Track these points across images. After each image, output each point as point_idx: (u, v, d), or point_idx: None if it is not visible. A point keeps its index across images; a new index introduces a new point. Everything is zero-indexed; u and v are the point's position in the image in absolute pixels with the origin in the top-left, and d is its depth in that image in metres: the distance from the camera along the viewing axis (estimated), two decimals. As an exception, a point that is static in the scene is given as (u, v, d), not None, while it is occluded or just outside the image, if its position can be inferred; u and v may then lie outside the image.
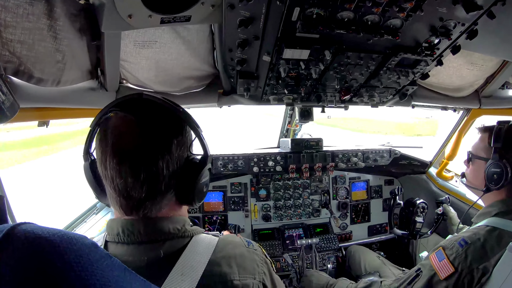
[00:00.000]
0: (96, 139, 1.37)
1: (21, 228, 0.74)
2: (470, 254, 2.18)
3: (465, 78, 3.59)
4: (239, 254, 1.46)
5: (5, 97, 1.64)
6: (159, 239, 1.35)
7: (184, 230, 1.42)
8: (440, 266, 2.25)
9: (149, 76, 2.85)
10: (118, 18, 1.91)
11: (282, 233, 4.83)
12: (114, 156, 1.28)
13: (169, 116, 1.42)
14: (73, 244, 0.77)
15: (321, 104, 3.46)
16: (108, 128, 1.33)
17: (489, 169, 2.46)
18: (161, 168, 1.32)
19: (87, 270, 0.75)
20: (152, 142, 1.32)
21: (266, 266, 1.56)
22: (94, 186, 1.50)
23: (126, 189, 1.29)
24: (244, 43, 2.37)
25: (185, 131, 1.47)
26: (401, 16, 2.12)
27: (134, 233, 1.32)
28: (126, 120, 1.32)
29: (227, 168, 4.50)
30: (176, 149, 1.39)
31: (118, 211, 1.37)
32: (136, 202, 1.32)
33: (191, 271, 1.27)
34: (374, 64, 2.72)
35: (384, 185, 5.40)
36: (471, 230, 2.39)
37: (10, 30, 1.69)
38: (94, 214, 3.94)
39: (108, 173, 1.30)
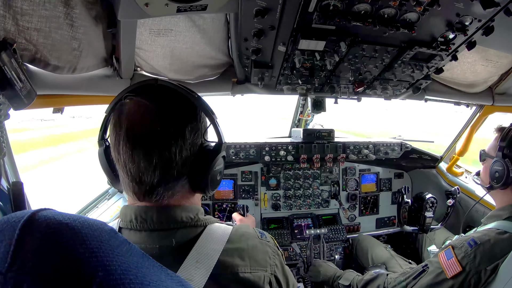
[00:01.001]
0: (111, 124, 1.37)
1: (42, 214, 0.74)
2: (479, 255, 2.18)
3: (479, 74, 3.57)
4: (252, 246, 1.45)
5: (23, 84, 1.68)
6: (172, 227, 1.34)
7: (197, 219, 1.41)
8: (448, 265, 2.26)
9: (164, 64, 2.88)
10: (135, 6, 1.93)
11: (291, 222, 4.86)
12: (128, 140, 1.28)
13: (183, 102, 1.41)
14: (94, 230, 0.77)
15: (335, 95, 3.48)
16: (122, 113, 1.32)
17: (493, 166, 2.50)
18: (174, 153, 1.31)
19: (108, 256, 0.74)
20: (165, 127, 1.31)
21: (278, 258, 1.56)
22: (108, 172, 1.50)
23: (139, 173, 1.29)
24: (259, 33, 2.38)
25: (200, 118, 1.45)
26: (418, 10, 2.12)
27: (147, 220, 1.32)
28: (140, 105, 1.32)
29: (239, 157, 4.52)
30: (190, 135, 1.37)
31: (131, 197, 1.38)
32: (148, 187, 1.31)
33: (206, 259, 1.28)
34: (389, 57, 2.72)
35: (394, 178, 5.40)
36: (481, 231, 2.39)
37: (26, 18, 1.72)
38: (106, 200, 3.97)
39: (121, 157, 1.30)
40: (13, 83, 1.60)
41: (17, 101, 1.68)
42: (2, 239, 0.69)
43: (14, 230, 0.69)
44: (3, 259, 0.66)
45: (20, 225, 0.70)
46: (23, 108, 1.76)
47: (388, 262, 3.95)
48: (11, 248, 0.67)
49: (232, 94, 3.43)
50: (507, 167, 2.38)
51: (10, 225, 0.71)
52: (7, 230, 0.70)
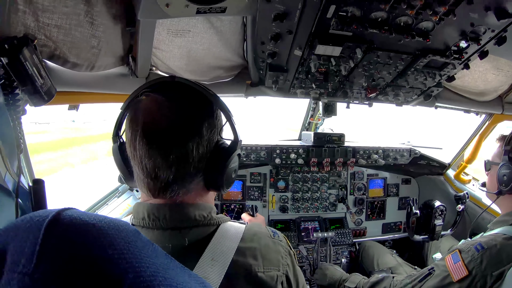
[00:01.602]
0: (127, 120, 1.36)
1: (67, 214, 0.73)
2: (485, 259, 2.19)
3: (490, 83, 3.60)
4: (264, 245, 1.44)
5: (44, 81, 1.69)
6: (185, 226, 1.33)
7: (210, 217, 1.40)
8: (455, 268, 2.27)
9: (180, 64, 2.90)
10: (156, 6, 1.95)
11: (298, 225, 4.87)
12: (144, 136, 1.27)
13: (200, 99, 1.40)
14: (120, 231, 0.76)
15: (347, 100, 3.52)
16: (139, 109, 1.32)
17: (500, 171, 2.53)
18: (191, 150, 1.30)
19: (137, 257, 0.74)
20: (183, 123, 1.30)
21: (290, 258, 1.55)
22: (122, 168, 1.50)
23: (154, 169, 1.28)
24: (277, 37, 2.42)
25: (216, 115, 1.45)
26: (434, 19, 2.15)
27: (159, 218, 1.31)
28: (157, 101, 1.32)
29: (250, 158, 4.55)
30: (207, 132, 1.37)
31: (146, 193, 1.37)
32: (163, 183, 1.30)
33: (222, 257, 1.27)
34: (402, 64, 2.74)
35: (401, 183, 5.40)
36: (487, 236, 2.40)
37: (47, 15, 1.74)
38: (116, 197, 3.99)
39: (137, 153, 1.29)
40: (34, 79, 1.62)
41: (37, 97, 1.69)
42: (26, 238, 0.69)
43: (39, 230, 0.69)
44: (29, 259, 0.66)
45: (46, 225, 0.70)
46: (42, 105, 1.77)
47: (394, 269, 3.97)
48: (36, 248, 0.67)
49: (245, 96, 3.46)
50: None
51: (34, 224, 0.71)
52: (31, 229, 0.70)
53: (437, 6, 2.01)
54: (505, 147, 2.53)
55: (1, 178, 1.59)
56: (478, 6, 2.07)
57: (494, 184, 2.62)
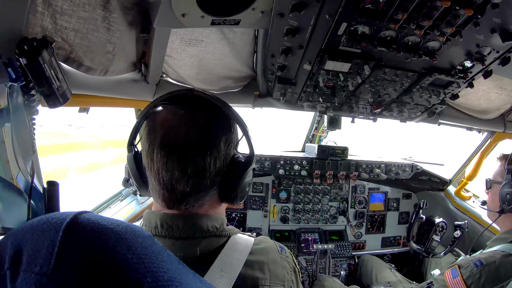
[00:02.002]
0: (144, 131, 1.36)
1: (85, 217, 0.74)
2: (484, 275, 2.21)
3: (493, 102, 3.64)
4: (272, 260, 1.43)
5: (60, 83, 1.70)
6: (197, 236, 1.32)
7: (222, 229, 1.39)
8: (453, 283, 2.29)
9: (191, 73, 2.94)
10: (172, 15, 1.99)
11: (298, 236, 4.91)
12: (163, 148, 1.26)
13: (218, 113, 1.39)
14: (137, 236, 0.77)
15: (352, 114, 3.57)
16: (157, 121, 1.31)
17: (503, 189, 2.54)
18: (209, 164, 1.29)
19: (154, 262, 0.74)
20: (201, 137, 1.29)
21: (294, 275, 1.53)
22: (136, 177, 1.48)
23: (172, 182, 1.27)
24: (287, 51, 2.46)
25: (234, 129, 1.44)
26: (441, 40, 2.20)
27: (173, 227, 1.30)
28: (176, 114, 1.31)
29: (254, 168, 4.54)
30: (224, 146, 1.35)
31: (160, 204, 1.36)
32: (179, 195, 1.29)
33: (230, 268, 1.26)
34: (408, 81, 2.78)
35: (402, 198, 5.44)
36: (486, 252, 2.42)
37: (65, 18, 1.76)
38: (119, 201, 3.97)
39: (155, 165, 1.28)
40: (51, 82, 1.62)
41: (53, 99, 1.70)
42: (43, 239, 0.70)
43: (57, 232, 0.70)
44: (47, 260, 0.67)
45: (64, 227, 0.70)
46: (58, 107, 1.77)
47: (392, 284, 3.98)
48: (55, 250, 0.67)
49: (253, 107, 3.50)
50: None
51: (52, 226, 0.72)
52: (49, 231, 0.71)
53: (444, 27, 2.06)
54: (508, 166, 2.55)
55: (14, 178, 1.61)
56: (484, 28, 2.12)
57: (496, 202, 2.63)
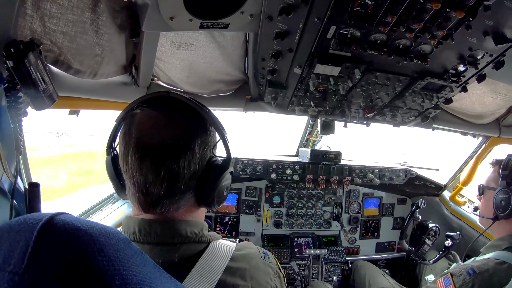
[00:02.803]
0: (120, 133, 1.36)
1: (60, 218, 0.74)
2: (477, 284, 2.19)
3: (487, 106, 3.61)
4: (254, 266, 1.43)
5: (46, 86, 1.71)
6: (176, 242, 1.31)
7: (201, 234, 1.38)
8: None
9: (181, 76, 2.92)
10: (160, 19, 1.99)
11: (291, 241, 4.88)
12: (137, 151, 1.26)
13: (194, 116, 1.39)
14: (111, 239, 0.77)
15: (345, 119, 3.53)
16: (133, 123, 1.31)
17: (497, 196, 2.53)
18: (183, 167, 1.30)
19: (125, 265, 0.74)
20: (175, 139, 1.29)
21: (278, 281, 1.52)
22: (114, 181, 1.49)
23: (146, 185, 1.27)
24: (277, 54, 2.43)
25: (210, 132, 1.44)
26: (432, 43, 2.17)
27: (150, 233, 1.30)
28: (151, 116, 1.32)
29: (246, 172, 4.56)
30: (199, 149, 1.36)
31: (136, 207, 1.35)
32: (154, 199, 1.29)
33: (210, 274, 1.25)
34: (400, 85, 2.75)
35: (397, 203, 5.41)
36: (479, 260, 2.40)
37: (54, 21, 1.77)
38: (111, 204, 3.97)
39: (129, 167, 1.28)
40: (37, 84, 1.63)
41: (39, 101, 1.72)
42: (19, 239, 0.70)
43: (31, 232, 0.70)
44: (20, 260, 0.67)
45: (39, 228, 0.71)
46: (44, 109, 1.79)
47: None
48: (28, 249, 0.68)
49: (244, 111, 3.47)
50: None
51: (28, 226, 0.72)
52: (24, 232, 0.71)
53: (435, 30, 2.03)
54: (502, 172, 2.53)
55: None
56: (477, 31, 2.08)
57: (490, 209, 2.61)
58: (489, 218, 2.64)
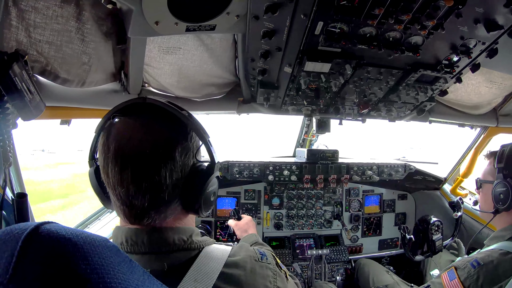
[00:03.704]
0: (99, 144, 1.32)
1: (45, 228, 0.74)
2: (482, 276, 2.15)
3: (483, 96, 3.59)
4: (250, 271, 1.40)
5: (32, 96, 1.70)
6: (163, 250, 1.29)
7: (190, 241, 1.35)
8: (451, 286, 2.23)
9: (171, 81, 2.90)
10: (145, 24, 1.97)
11: (293, 242, 4.84)
12: (116, 163, 1.23)
13: (173, 122, 1.35)
14: (96, 247, 0.77)
15: (339, 116, 3.49)
16: (110, 134, 1.28)
17: (495, 189, 2.50)
18: (164, 177, 1.26)
19: (109, 273, 0.74)
20: (154, 149, 1.25)
21: (280, 280, 1.50)
22: (99, 193, 1.45)
23: (128, 197, 1.24)
24: (266, 54, 2.41)
25: (191, 137, 1.39)
26: (423, 34, 2.14)
27: (137, 243, 1.28)
28: (128, 126, 1.29)
29: (243, 175, 4.52)
30: (181, 157, 1.32)
31: (123, 219, 1.34)
32: (139, 211, 1.26)
33: (205, 278, 1.24)
34: (393, 79, 2.73)
35: (398, 199, 5.38)
36: (484, 252, 2.36)
37: (39, 31, 1.78)
38: (109, 213, 3.98)
39: (110, 180, 1.26)
40: (23, 95, 1.63)
41: (26, 112, 1.71)
42: (4, 249, 0.70)
43: (16, 242, 0.70)
44: (5, 269, 0.66)
45: (23, 237, 0.70)
46: (31, 119, 1.79)
47: (389, 285, 3.90)
48: (13, 259, 0.67)
49: (237, 113, 3.45)
50: (511, 187, 2.39)
51: (13, 236, 0.72)
52: (10, 242, 0.71)
53: (425, 20, 2.00)
54: (498, 165, 2.51)
55: None
56: (467, 19, 2.06)
57: (489, 202, 2.58)
58: (489, 212, 2.61)
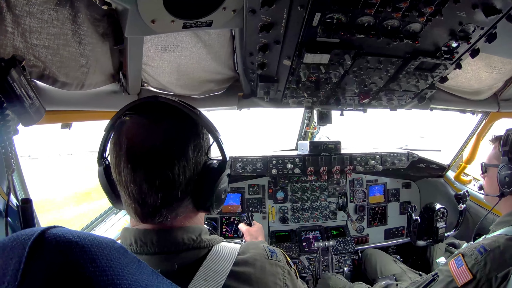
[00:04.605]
0: (110, 143, 1.33)
1: (52, 232, 0.74)
2: (489, 262, 2.14)
3: (484, 81, 3.58)
4: (260, 268, 1.38)
5: (32, 101, 1.69)
6: (173, 250, 1.29)
7: (199, 240, 1.35)
8: (458, 273, 2.22)
9: (171, 79, 2.89)
10: (142, 23, 1.96)
11: (299, 235, 4.83)
12: (129, 161, 1.23)
13: (185, 120, 1.35)
14: (103, 248, 0.76)
15: (340, 107, 3.50)
16: (122, 132, 1.28)
17: (501, 172, 2.49)
18: (177, 174, 1.26)
19: (118, 274, 0.74)
20: (167, 147, 1.26)
21: (289, 278, 1.48)
22: (108, 192, 1.46)
23: (141, 195, 1.24)
24: (264, 48, 2.41)
25: (203, 135, 1.40)
26: (421, 21, 2.14)
27: (147, 244, 1.27)
28: (141, 124, 1.29)
29: (246, 170, 4.50)
30: (193, 154, 1.32)
31: (134, 218, 1.33)
32: (151, 209, 1.26)
33: (215, 277, 1.23)
34: (393, 68, 2.73)
35: (402, 188, 5.37)
36: (490, 238, 2.35)
37: (35, 36, 1.76)
38: (114, 214, 3.97)
39: (123, 178, 1.26)
40: (22, 100, 1.62)
41: (26, 117, 1.70)
42: (12, 256, 0.69)
43: (23, 248, 0.70)
44: (13, 277, 0.66)
45: (30, 243, 0.70)
46: (32, 124, 1.78)
47: (398, 276, 3.90)
48: (21, 266, 0.67)
49: (238, 108, 3.45)
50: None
51: (20, 242, 0.71)
52: (17, 248, 0.70)
53: (423, 7, 2.00)
54: (503, 148, 2.49)
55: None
56: (465, 4, 2.05)
57: (495, 186, 2.56)
58: (495, 196, 2.59)
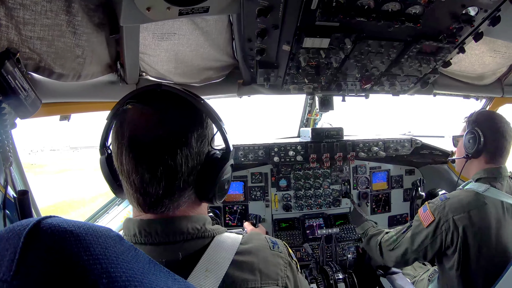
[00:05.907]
0: (112, 132, 1.32)
1: (47, 222, 0.74)
2: (447, 206, 2.63)
3: (488, 66, 3.54)
4: (263, 258, 1.39)
5: (27, 93, 1.69)
6: (177, 239, 1.28)
7: (204, 230, 1.35)
8: (424, 216, 2.75)
9: (169, 68, 2.88)
10: (137, 11, 1.93)
11: (303, 223, 4.82)
12: (131, 150, 1.23)
13: (189, 108, 1.34)
14: (99, 237, 0.77)
15: (342, 93, 3.47)
16: (124, 121, 1.27)
17: (465, 138, 2.88)
18: (180, 164, 1.25)
19: (113, 262, 0.74)
20: (170, 135, 1.25)
21: (290, 269, 1.49)
22: (110, 181, 1.45)
23: (143, 185, 1.24)
24: (263, 33, 2.37)
25: (206, 124, 1.39)
26: (422, 3, 2.10)
27: (151, 234, 1.27)
28: (143, 113, 1.28)
29: (248, 158, 4.50)
30: (196, 143, 1.31)
31: (136, 208, 1.33)
32: (153, 198, 1.26)
33: (216, 268, 1.23)
34: (395, 52, 2.70)
35: (405, 175, 5.34)
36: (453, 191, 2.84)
37: (29, 28, 1.74)
38: (116, 205, 3.99)
39: (124, 168, 1.25)
40: (18, 92, 1.62)
41: (23, 110, 1.70)
42: (7, 247, 0.70)
43: (19, 238, 0.70)
44: (9, 267, 0.66)
45: (25, 233, 0.70)
46: (28, 117, 1.78)
47: None
48: (16, 256, 0.67)
49: (238, 96, 3.44)
50: (477, 134, 2.74)
51: (15, 233, 0.72)
52: (12, 239, 0.71)
53: (424, -12, 1.95)
54: (468, 119, 2.88)
55: None
56: None
57: (462, 151, 2.97)
58: (461, 158, 3.02)
